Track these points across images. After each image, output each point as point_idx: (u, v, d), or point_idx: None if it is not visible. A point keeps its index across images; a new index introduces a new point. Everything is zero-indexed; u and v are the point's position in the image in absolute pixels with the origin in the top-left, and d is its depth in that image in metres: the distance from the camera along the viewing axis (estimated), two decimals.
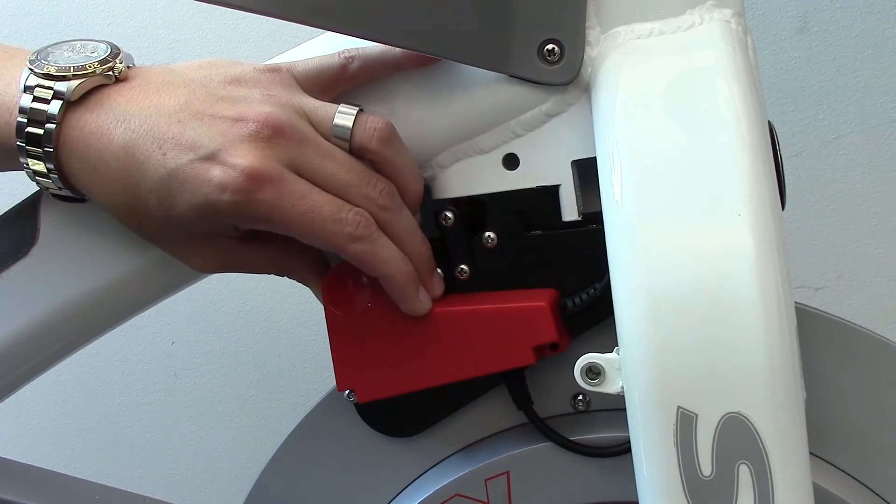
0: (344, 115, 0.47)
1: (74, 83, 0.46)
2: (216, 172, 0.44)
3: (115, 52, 0.48)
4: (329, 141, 0.47)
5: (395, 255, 0.47)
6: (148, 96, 0.46)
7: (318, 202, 0.45)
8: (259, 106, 0.46)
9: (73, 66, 0.46)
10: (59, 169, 0.47)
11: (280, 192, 0.44)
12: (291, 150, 0.45)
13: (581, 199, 0.50)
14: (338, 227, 0.45)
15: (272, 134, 0.45)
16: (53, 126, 0.45)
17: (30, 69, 0.46)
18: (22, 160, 0.47)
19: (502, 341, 0.49)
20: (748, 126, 0.41)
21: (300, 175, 0.45)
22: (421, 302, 0.49)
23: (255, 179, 0.44)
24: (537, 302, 0.48)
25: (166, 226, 0.47)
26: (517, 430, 0.55)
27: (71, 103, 0.46)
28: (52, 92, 0.45)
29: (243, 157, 0.44)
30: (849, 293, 0.88)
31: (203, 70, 0.48)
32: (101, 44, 0.48)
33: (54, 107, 0.45)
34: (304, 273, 0.51)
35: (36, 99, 0.46)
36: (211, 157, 0.44)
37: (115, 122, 0.45)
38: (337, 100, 0.49)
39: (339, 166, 0.46)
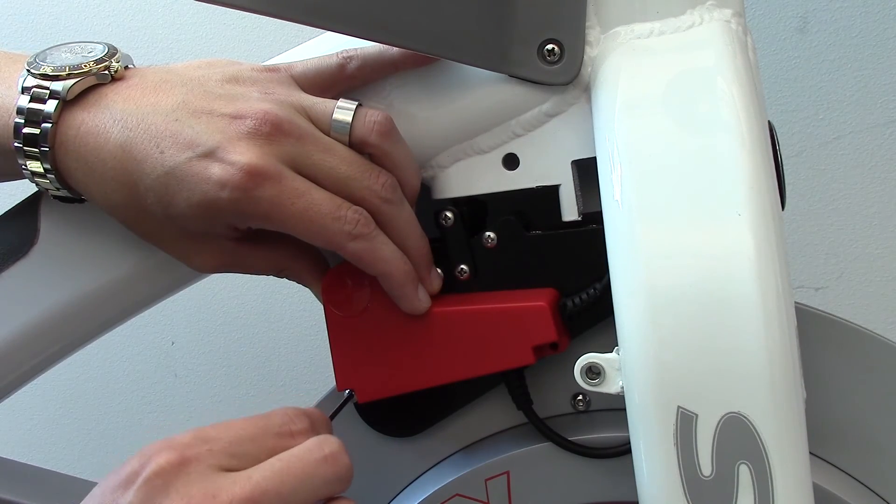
0: (343, 110, 0.47)
1: (70, 82, 0.46)
2: (215, 170, 0.44)
3: (111, 52, 0.48)
4: (328, 136, 0.47)
5: (394, 254, 0.47)
6: (145, 95, 0.46)
7: (317, 200, 0.45)
8: (257, 103, 0.45)
9: (69, 66, 0.46)
10: (56, 169, 0.47)
11: (279, 189, 0.44)
12: (290, 147, 0.45)
13: (581, 199, 0.50)
14: (336, 225, 0.45)
15: (271, 131, 0.45)
16: (49, 125, 0.45)
17: (27, 70, 0.46)
18: (20, 161, 0.46)
19: (502, 341, 0.49)
20: (748, 126, 0.41)
21: (300, 172, 0.45)
22: (420, 300, 0.49)
23: (253, 176, 0.44)
24: (537, 302, 0.48)
25: (165, 225, 0.47)
26: (517, 430, 0.54)
27: (67, 102, 0.46)
28: (48, 92, 0.45)
29: (242, 154, 0.44)
30: (849, 293, 0.88)
31: (201, 70, 0.48)
32: (99, 45, 0.48)
33: (50, 106, 0.45)
34: (303, 273, 0.51)
35: (33, 99, 0.46)
36: (209, 155, 0.44)
37: (113, 121, 0.45)
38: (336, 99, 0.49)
39: (340, 160, 0.46)
